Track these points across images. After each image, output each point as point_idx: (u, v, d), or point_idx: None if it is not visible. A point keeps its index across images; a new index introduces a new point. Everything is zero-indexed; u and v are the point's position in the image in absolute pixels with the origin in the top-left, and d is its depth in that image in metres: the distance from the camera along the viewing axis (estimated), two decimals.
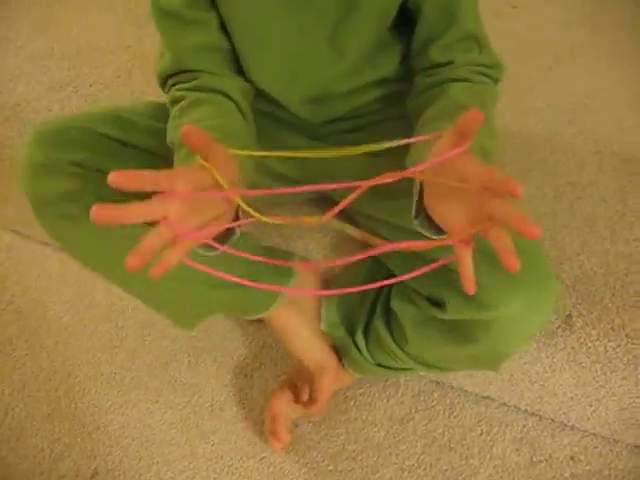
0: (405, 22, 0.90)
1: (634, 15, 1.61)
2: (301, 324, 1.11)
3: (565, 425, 1.14)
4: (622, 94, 1.39)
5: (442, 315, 0.88)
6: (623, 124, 1.30)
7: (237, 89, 0.91)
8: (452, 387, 1.21)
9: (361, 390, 1.20)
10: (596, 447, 1.12)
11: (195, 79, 0.88)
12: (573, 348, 1.01)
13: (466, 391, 1.20)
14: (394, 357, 1.02)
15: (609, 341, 0.99)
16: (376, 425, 1.16)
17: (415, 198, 0.71)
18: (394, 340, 0.99)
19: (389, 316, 1.00)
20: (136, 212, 0.58)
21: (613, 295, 1.00)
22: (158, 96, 0.98)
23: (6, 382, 1.26)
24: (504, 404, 1.18)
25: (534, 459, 1.10)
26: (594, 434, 1.13)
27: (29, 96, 1.42)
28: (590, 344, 1.00)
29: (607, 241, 1.07)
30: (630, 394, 1.03)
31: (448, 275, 0.86)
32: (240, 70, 0.95)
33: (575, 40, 1.54)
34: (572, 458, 1.10)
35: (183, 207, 0.61)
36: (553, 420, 1.15)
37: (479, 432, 1.14)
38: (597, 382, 1.04)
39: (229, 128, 0.81)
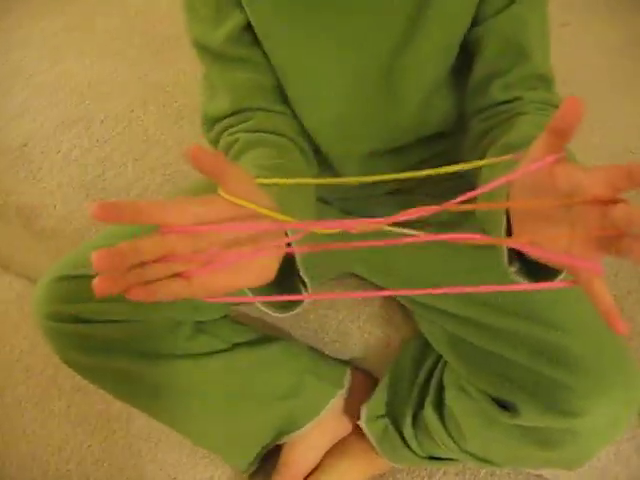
0: (463, 64, 0.79)
1: None
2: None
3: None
4: None
5: (514, 421, 0.77)
6: None
7: (294, 128, 0.81)
8: None
9: (398, 467, 1.09)
10: None
11: (249, 119, 0.78)
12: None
13: (516, 469, 1.08)
14: (448, 452, 0.92)
15: None
16: None
17: (503, 234, 0.56)
18: (450, 436, 0.89)
19: (442, 409, 0.89)
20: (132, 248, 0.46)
21: None
22: (175, 135, 0.87)
23: (13, 451, 1.18)
24: None
25: None
26: None
27: (36, 134, 1.33)
28: None
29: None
30: None
31: (520, 375, 0.77)
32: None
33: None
34: None
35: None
36: None
37: None
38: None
39: (286, 168, 0.70)
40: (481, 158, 0.70)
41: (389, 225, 0.51)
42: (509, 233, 0.56)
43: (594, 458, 0.94)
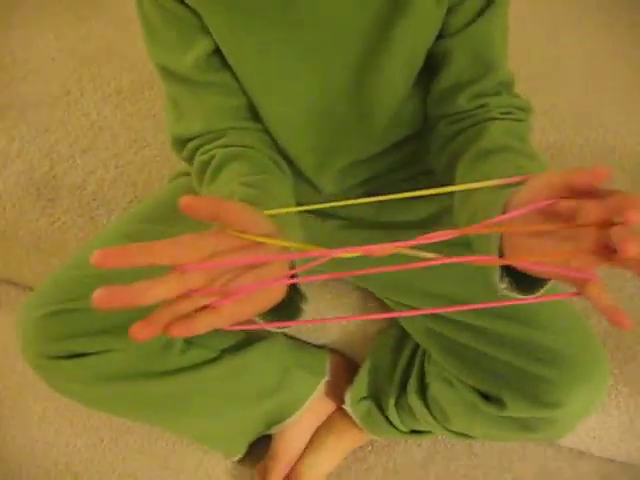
0: (428, 70, 0.81)
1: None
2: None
3: (583, 453, 1.15)
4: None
5: (500, 413, 0.84)
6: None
7: (267, 143, 0.83)
8: None
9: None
10: (614, 474, 1.13)
11: (221, 137, 0.79)
12: (602, 402, 1.00)
13: None
14: (431, 429, 1.00)
15: None
16: (398, 472, 1.14)
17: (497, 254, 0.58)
18: (434, 418, 0.96)
19: (425, 394, 0.96)
20: (150, 292, 0.44)
21: None
22: (120, 119, 0.83)
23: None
24: None
25: None
26: (611, 460, 1.15)
27: None
28: (621, 399, 0.99)
29: (629, 283, 1.03)
30: None
31: (504, 370, 0.82)
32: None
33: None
34: None
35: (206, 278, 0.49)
36: (572, 449, 1.16)
37: (501, 470, 1.14)
38: (623, 427, 1.03)
39: (268, 183, 0.72)
40: (450, 160, 0.76)
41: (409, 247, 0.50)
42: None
43: None
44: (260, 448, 1.13)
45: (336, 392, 1.12)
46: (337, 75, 0.78)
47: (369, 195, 0.93)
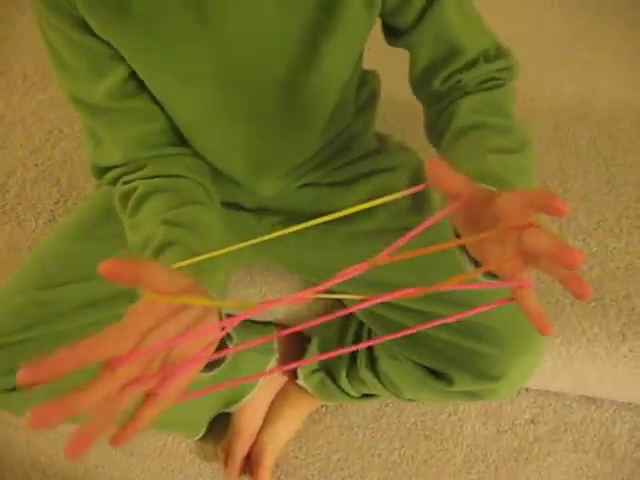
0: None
1: None
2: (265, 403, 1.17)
3: (520, 388, 1.24)
4: None
5: (448, 389, 0.90)
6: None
7: (190, 168, 0.82)
8: None
9: None
10: (550, 404, 1.23)
11: (143, 167, 0.78)
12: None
13: None
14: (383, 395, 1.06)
15: (571, 345, 1.05)
16: (352, 428, 1.21)
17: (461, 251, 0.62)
18: (386, 388, 1.02)
19: (375, 367, 1.01)
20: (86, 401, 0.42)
21: (573, 304, 1.05)
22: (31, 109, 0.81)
23: None
24: None
25: (500, 430, 1.21)
26: (546, 391, 1.24)
27: None
28: (554, 348, 1.06)
29: None
30: (585, 373, 1.12)
31: (449, 350, 0.88)
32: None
33: None
34: (532, 421, 1.21)
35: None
36: None
37: (447, 414, 1.22)
38: (556, 369, 1.12)
39: (195, 216, 0.73)
40: (439, 139, 0.78)
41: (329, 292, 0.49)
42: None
43: None
44: (220, 424, 1.18)
45: (287, 364, 1.16)
46: (266, 94, 0.77)
47: (307, 187, 0.95)
